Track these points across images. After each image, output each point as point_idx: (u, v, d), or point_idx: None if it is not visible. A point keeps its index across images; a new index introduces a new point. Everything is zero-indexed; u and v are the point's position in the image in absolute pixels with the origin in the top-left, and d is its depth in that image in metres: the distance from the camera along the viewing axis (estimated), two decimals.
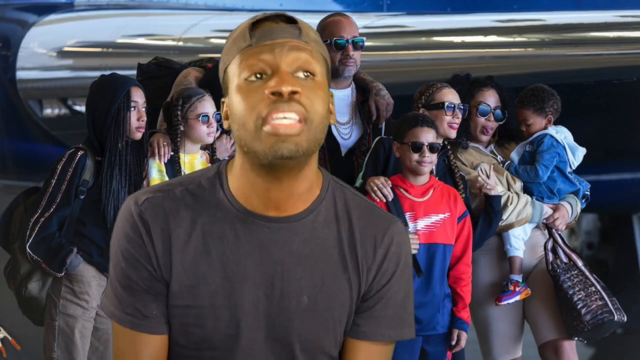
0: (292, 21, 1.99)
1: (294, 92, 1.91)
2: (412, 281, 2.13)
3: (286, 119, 1.91)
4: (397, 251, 2.06)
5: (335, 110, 2.06)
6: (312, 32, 2.00)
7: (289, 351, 2.03)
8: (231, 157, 2.07)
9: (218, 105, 4.67)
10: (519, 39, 6.26)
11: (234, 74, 1.96)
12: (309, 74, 1.95)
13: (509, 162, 4.92)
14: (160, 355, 2.04)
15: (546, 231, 4.89)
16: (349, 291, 2.03)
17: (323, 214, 2.03)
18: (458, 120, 4.68)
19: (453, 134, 4.68)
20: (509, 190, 4.82)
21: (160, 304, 2.01)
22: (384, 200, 4.41)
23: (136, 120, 4.54)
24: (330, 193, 2.05)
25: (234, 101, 1.96)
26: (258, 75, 1.93)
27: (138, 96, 4.56)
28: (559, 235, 4.88)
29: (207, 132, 4.63)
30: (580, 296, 4.70)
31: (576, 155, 4.91)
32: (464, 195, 4.62)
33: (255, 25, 1.98)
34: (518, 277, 4.77)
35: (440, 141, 4.55)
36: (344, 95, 4.88)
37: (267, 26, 1.97)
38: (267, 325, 2.01)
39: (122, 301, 2.02)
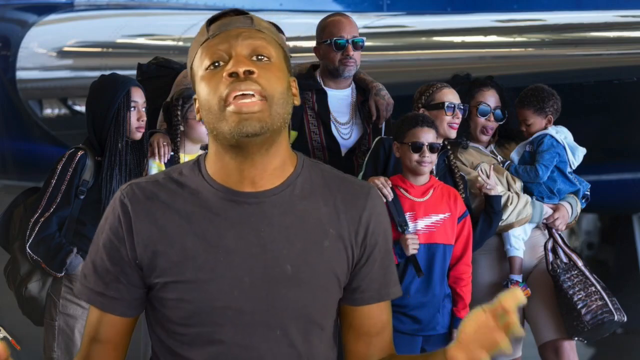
0: (246, 14, 2.14)
1: (250, 72, 2.04)
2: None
3: (246, 97, 2.03)
4: (380, 212, 2.19)
5: (298, 94, 2.16)
6: (265, 23, 2.15)
7: (279, 321, 2.10)
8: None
9: None
10: (519, 39, 6.26)
11: (197, 67, 2.11)
12: (263, 57, 2.08)
13: (509, 162, 4.92)
14: (116, 335, 2.14)
15: (546, 231, 4.89)
16: (331, 258, 2.12)
17: (299, 188, 2.13)
18: (458, 120, 4.68)
19: (453, 134, 4.68)
20: (509, 190, 4.82)
21: (121, 287, 2.11)
22: (384, 200, 4.41)
23: (136, 120, 4.54)
24: (306, 169, 2.16)
25: (199, 90, 2.11)
26: (217, 64, 2.07)
27: (138, 96, 4.56)
28: (559, 235, 4.88)
29: (207, 132, 4.63)
30: (580, 296, 4.70)
31: (576, 155, 4.91)
32: (464, 195, 4.62)
33: (212, 21, 2.14)
34: (518, 277, 4.77)
35: (440, 141, 4.55)
36: (344, 95, 4.88)
37: (222, 20, 2.13)
38: (255, 296, 2.08)
39: (88, 277, 2.14)
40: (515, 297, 1.90)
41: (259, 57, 2.07)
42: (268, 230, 2.09)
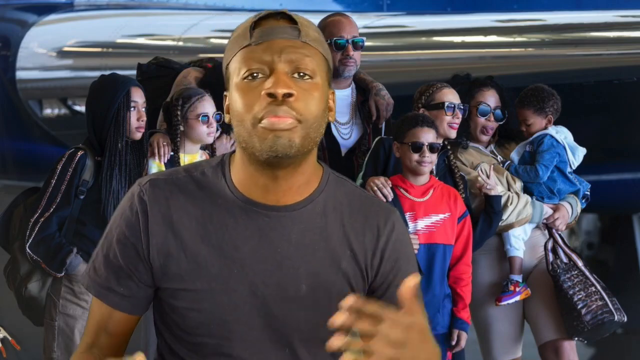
0: (293, 20, 2.03)
1: (288, 95, 1.96)
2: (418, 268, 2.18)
3: (281, 116, 1.96)
4: (399, 238, 2.12)
5: (335, 109, 2.10)
6: (313, 31, 2.04)
7: (289, 340, 2.06)
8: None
9: (218, 105, 4.67)
10: (519, 39, 6.25)
11: (234, 71, 2.02)
12: (305, 74, 1.99)
13: (509, 162, 4.92)
14: (120, 333, 2.10)
15: (546, 231, 4.89)
16: (346, 280, 2.07)
17: (321, 205, 2.07)
18: (458, 120, 4.68)
19: (453, 134, 4.68)
20: (509, 190, 4.82)
21: (132, 285, 2.07)
22: (384, 200, 4.41)
23: (136, 120, 4.54)
24: (330, 186, 2.10)
25: (233, 98, 2.02)
26: (255, 74, 1.99)
27: (138, 96, 4.56)
28: (559, 235, 4.88)
29: (207, 132, 4.63)
30: (580, 296, 4.70)
31: (576, 155, 4.91)
32: (464, 195, 4.62)
33: (257, 23, 2.03)
34: (518, 277, 4.77)
35: (440, 141, 4.55)
36: (344, 95, 4.88)
37: (268, 25, 2.02)
38: (266, 312, 2.04)
39: (97, 270, 2.09)
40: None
41: (301, 75, 1.99)
42: (286, 247, 2.04)
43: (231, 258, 2.03)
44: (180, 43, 7.35)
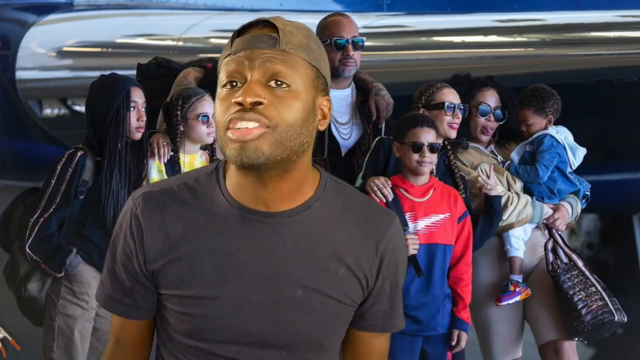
0: (275, 28, 2.02)
1: (257, 103, 1.96)
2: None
3: (246, 128, 1.96)
4: (398, 244, 2.13)
5: (330, 114, 2.09)
6: (298, 38, 2.03)
7: (286, 343, 2.07)
8: None
9: None
10: (519, 39, 6.25)
11: (218, 80, 2.04)
12: (282, 83, 1.98)
13: (509, 162, 4.92)
14: (139, 335, 2.15)
15: (546, 231, 4.89)
16: (344, 286, 2.08)
17: (318, 212, 2.07)
18: (458, 120, 4.68)
19: (453, 134, 4.68)
20: (509, 190, 4.82)
21: (137, 296, 2.11)
22: (384, 200, 4.41)
23: (136, 120, 4.54)
24: (328, 192, 2.09)
25: (214, 107, 2.05)
26: (234, 84, 2.00)
27: (138, 96, 4.56)
28: (559, 235, 4.88)
29: (206, 132, 4.63)
30: (580, 296, 4.70)
31: (576, 155, 4.91)
32: (464, 196, 4.62)
33: (241, 32, 2.03)
34: (518, 278, 4.77)
35: (440, 141, 4.55)
36: (344, 95, 4.88)
37: (249, 34, 2.02)
38: (261, 318, 2.05)
39: (104, 282, 2.14)
40: None
41: (278, 83, 1.98)
42: (281, 253, 2.04)
43: (226, 265, 2.04)
44: (180, 43, 7.35)
